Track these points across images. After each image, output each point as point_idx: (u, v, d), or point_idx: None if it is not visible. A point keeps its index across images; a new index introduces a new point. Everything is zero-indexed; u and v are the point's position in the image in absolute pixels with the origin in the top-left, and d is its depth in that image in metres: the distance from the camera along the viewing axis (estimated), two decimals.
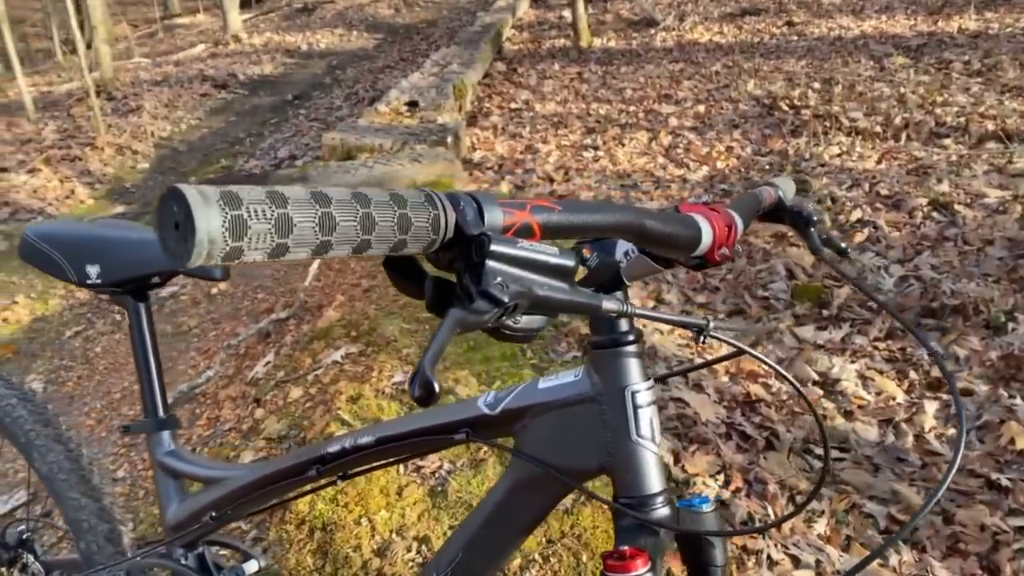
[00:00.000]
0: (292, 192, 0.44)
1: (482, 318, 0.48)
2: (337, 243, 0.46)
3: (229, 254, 0.41)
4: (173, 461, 1.14)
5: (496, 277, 0.49)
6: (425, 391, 0.45)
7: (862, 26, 7.52)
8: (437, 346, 0.45)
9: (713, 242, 0.72)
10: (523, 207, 0.54)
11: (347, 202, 0.46)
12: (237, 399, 2.49)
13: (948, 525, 2.11)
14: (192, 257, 0.40)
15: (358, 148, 5.07)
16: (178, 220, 0.41)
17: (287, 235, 0.43)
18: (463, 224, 0.51)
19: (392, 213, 0.48)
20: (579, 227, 0.59)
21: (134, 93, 9.12)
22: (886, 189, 3.96)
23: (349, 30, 13.06)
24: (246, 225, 0.41)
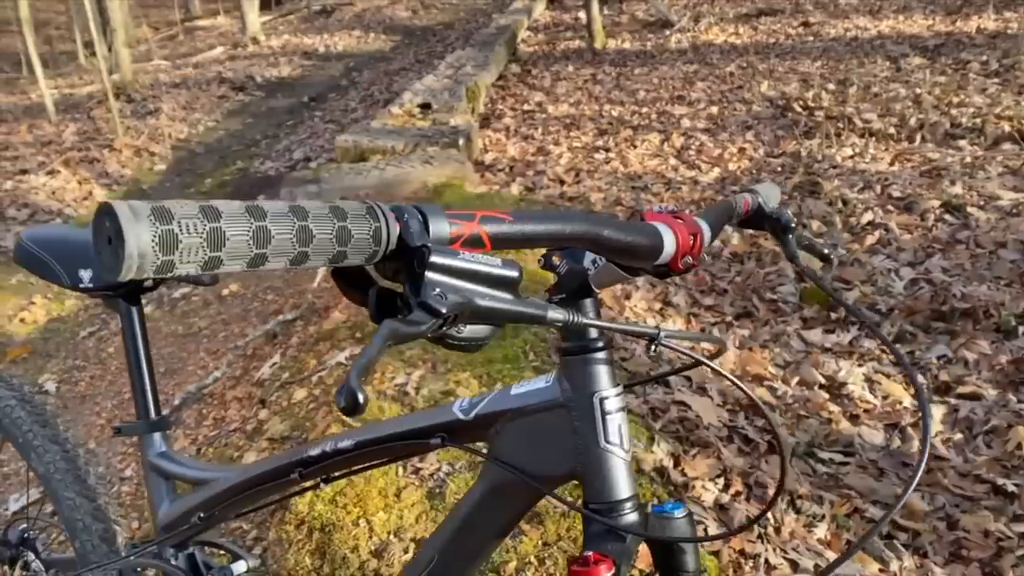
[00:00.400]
0: (226, 207, 0.45)
1: (418, 329, 0.49)
2: (273, 255, 0.47)
3: (160, 267, 0.43)
4: (164, 462, 1.16)
5: (435, 288, 0.50)
6: (350, 402, 0.45)
7: (879, 26, 7.46)
8: (365, 358, 0.46)
9: (676, 251, 0.72)
10: (471, 218, 0.55)
11: (283, 215, 0.47)
12: (243, 400, 2.52)
13: (951, 531, 2.10)
14: (123, 270, 0.41)
15: (370, 150, 5.10)
16: (110, 235, 0.42)
17: (219, 248, 0.44)
18: (406, 236, 0.51)
19: (331, 225, 0.49)
20: (530, 237, 0.59)
21: (153, 95, 9.21)
22: (898, 191, 3.93)
23: (366, 32, 13.12)
24: (177, 239, 0.42)
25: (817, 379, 2.76)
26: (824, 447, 2.43)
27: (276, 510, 1.92)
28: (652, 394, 2.37)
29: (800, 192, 4.11)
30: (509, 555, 1.73)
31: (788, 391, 2.72)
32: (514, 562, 1.72)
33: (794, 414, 2.59)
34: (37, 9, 17.83)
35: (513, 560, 1.72)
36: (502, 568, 1.71)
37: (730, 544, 1.85)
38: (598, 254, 0.72)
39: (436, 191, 4.30)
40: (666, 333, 0.69)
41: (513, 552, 1.74)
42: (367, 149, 5.13)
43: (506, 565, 1.71)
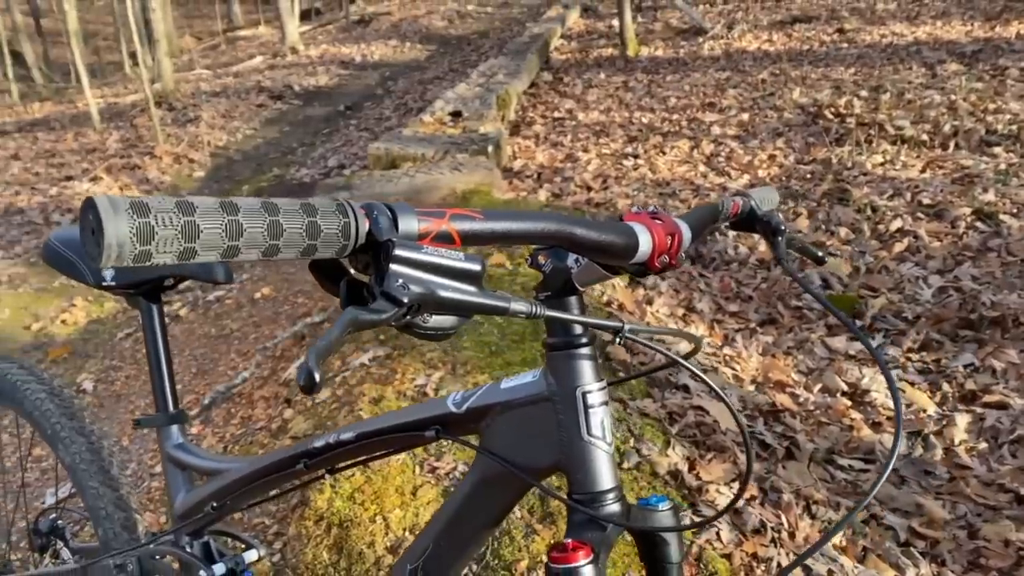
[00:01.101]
0: (201, 202, 0.49)
1: (380, 317, 0.52)
2: (245, 247, 0.51)
3: (138, 256, 0.47)
4: (180, 454, 1.21)
5: (398, 280, 0.54)
6: (307, 381, 0.49)
7: (916, 33, 7.37)
8: (325, 341, 0.50)
9: (653, 250, 0.75)
10: (441, 216, 0.59)
11: (255, 211, 0.51)
12: (270, 399, 2.58)
13: (972, 539, 2.08)
14: (103, 259, 0.46)
15: (401, 157, 5.18)
16: (93, 226, 0.46)
17: (194, 240, 0.48)
18: (375, 231, 0.55)
19: (301, 221, 0.53)
20: (501, 235, 0.62)
21: (193, 104, 9.42)
22: (929, 198, 3.89)
23: (403, 42, 13.28)
24: (153, 231, 0.47)
25: (840, 386, 2.75)
26: (844, 454, 2.42)
27: (296, 506, 1.97)
28: (670, 399, 2.38)
29: (828, 199, 4.09)
30: (521, 554, 1.75)
31: (810, 397, 2.71)
32: (526, 561, 1.74)
33: (815, 420, 2.58)
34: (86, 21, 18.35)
35: (525, 559, 1.75)
36: (514, 567, 1.74)
37: (742, 548, 1.86)
38: (572, 252, 0.75)
39: (464, 197, 4.35)
40: (630, 327, 0.71)
41: (525, 551, 1.77)
42: (398, 156, 5.21)
43: (518, 564, 1.74)
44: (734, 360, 2.85)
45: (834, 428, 2.54)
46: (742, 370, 2.81)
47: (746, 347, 3.00)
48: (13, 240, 5.59)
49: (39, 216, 5.97)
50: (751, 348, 3.01)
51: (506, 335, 2.49)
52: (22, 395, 1.39)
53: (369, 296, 0.56)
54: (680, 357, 0.75)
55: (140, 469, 2.56)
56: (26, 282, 4.81)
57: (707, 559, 1.77)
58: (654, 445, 2.07)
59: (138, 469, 2.56)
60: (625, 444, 2.04)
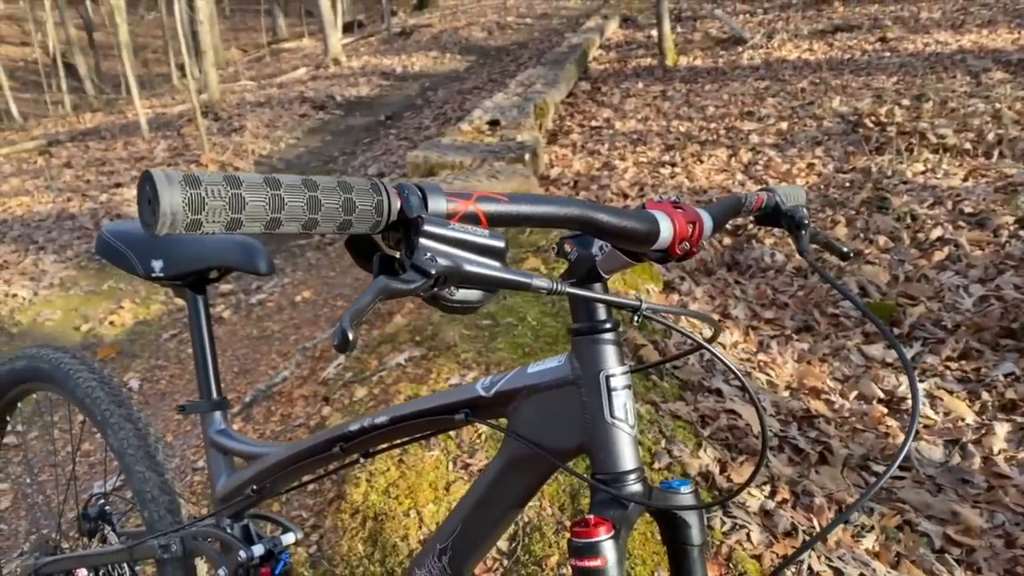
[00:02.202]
0: (247, 177, 0.54)
1: (409, 286, 0.56)
2: (287, 220, 0.55)
3: (190, 225, 0.51)
4: (222, 439, 1.26)
5: (426, 253, 0.58)
6: (342, 340, 0.53)
7: (960, 41, 7.27)
8: (359, 305, 0.54)
9: (673, 237, 0.78)
10: (468, 197, 0.62)
11: (296, 186, 0.55)
12: (309, 397, 2.64)
13: (1009, 548, 2.05)
14: (159, 226, 0.50)
15: (439, 165, 5.25)
16: (149, 197, 0.51)
17: (240, 211, 0.53)
18: (406, 209, 0.59)
19: (338, 197, 0.57)
20: (525, 217, 0.66)
21: (238, 114, 9.63)
22: (970, 207, 3.84)
23: (443, 53, 13.43)
24: (203, 202, 0.51)
25: (876, 393, 2.73)
26: (879, 460, 2.40)
27: (333, 499, 2.02)
28: (703, 402, 2.39)
29: (867, 207, 4.05)
30: (551, 549, 1.78)
31: (846, 404, 2.69)
32: (556, 556, 1.77)
33: (850, 427, 2.57)
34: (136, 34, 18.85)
35: (555, 555, 1.77)
36: (544, 562, 1.76)
37: (772, 549, 1.86)
38: (595, 237, 0.78)
39: None
40: (648, 305, 0.74)
41: (556, 547, 1.79)
42: (436, 164, 5.28)
43: (548, 559, 1.77)
44: (768, 366, 2.85)
45: (869, 435, 2.52)
46: (776, 376, 2.81)
47: (781, 353, 2.99)
48: (65, 244, 5.77)
49: (90, 221, 6.15)
50: (786, 354, 3.00)
51: (539, 337, 2.52)
52: (74, 383, 1.45)
53: (400, 268, 0.59)
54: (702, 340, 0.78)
55: (183, 464, 2.63)
56: (77, 285, 4.97)
57: (737, 559, 1.78)
58: (685, 447, 2.08)
59: (181, 464, 2.63)
60: (656, 445, 2.05)
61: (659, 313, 0.76)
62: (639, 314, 0.74)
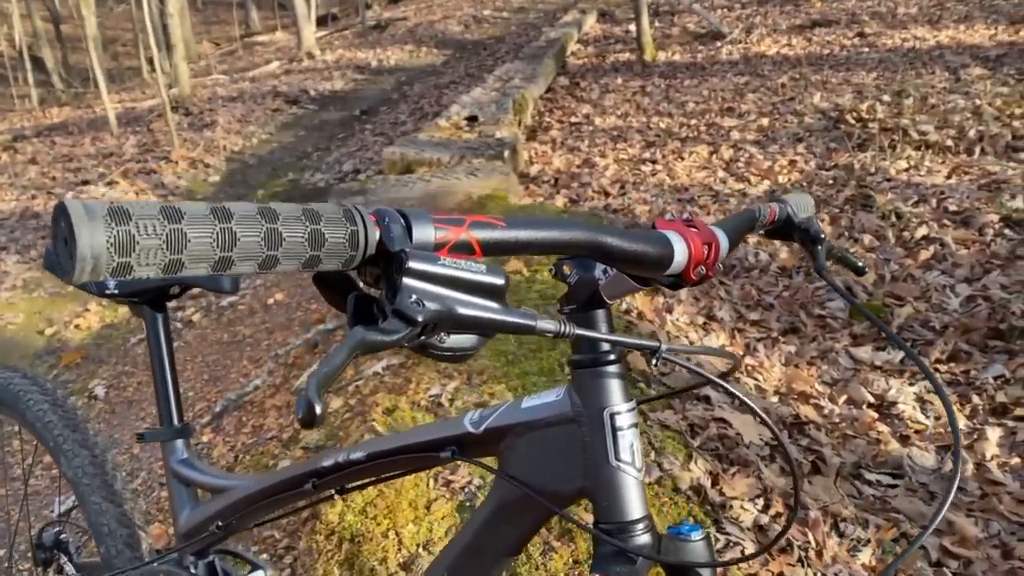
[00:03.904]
0: (190, 208, 0.44)
1: (392, 338, 0.47)
2: (240, 259, 0.45)
3: (117, 270, 0.41)
4: (185, 469, 1.16)
5: (411, 295, 0.48)
6: (307, 414, 0.43)
7: (938, 36, 7.27)
8: (328, 367, 0.44)
9: (689, 261, 0.69)
10: (460, 223, 0.53)
11: (251, 217, 0.46)
12: (282, 408, 2.53)
13: (1006, 560, 2.00)
14: (76, 273, 0.40)
15: (417, 162, 5.14)
16: (64, 236, 0.41)
17: (180, 251, 0.43)
18: (386, 240, 0.49)
19: (302, 228, 0.47)
20: (525, 244, 0.57)
21: (210, 108, 9.44)
22: (955, 205, 3.80)
23: (419, 46, 13.27)
24: (134, 241, 0.41)
25: (866, 398, 2.67)
26: (871, 468, 2.34)
27: (307, 519, 1.92)
28: (691, 410, 2.31)
29: (852, 205, 4.01)
30: (539, 572, 1.70)
31: (835, 409, 2.64)
32: None
33: (841, 433, 2.51)
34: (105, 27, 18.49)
35: None
36: None
37: (768, 567, 1.79)
38: (602, 263, 0.69)
39: (480, 202, 4.30)
40: (668, 347, 0.66)
41: (543, 569, 1.71)
42: (414, 161, 5.17)
43: None
44: (757, 370, 2.78)
45: (860, 441, 2.47)
46: (765, 380, 2.74)
47: (768, 357, 2.93)
48: (29, 244, 5.59)
49: None
50: (773, 358, 2.93)
51: (523, 344, 2.43)
52: (24, 405, 1.34)
53: (380, 313, 0.50)
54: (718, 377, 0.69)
55: (150, 478, 2.52)
56: (41, 287, 4.80)
57: None
58: (676, 459, 2.00)
59: (148, 478, 2.52)
60: (646, 457, 1.97)
61: (679, 354, 0.67)
62: (658, 356, 0.65)
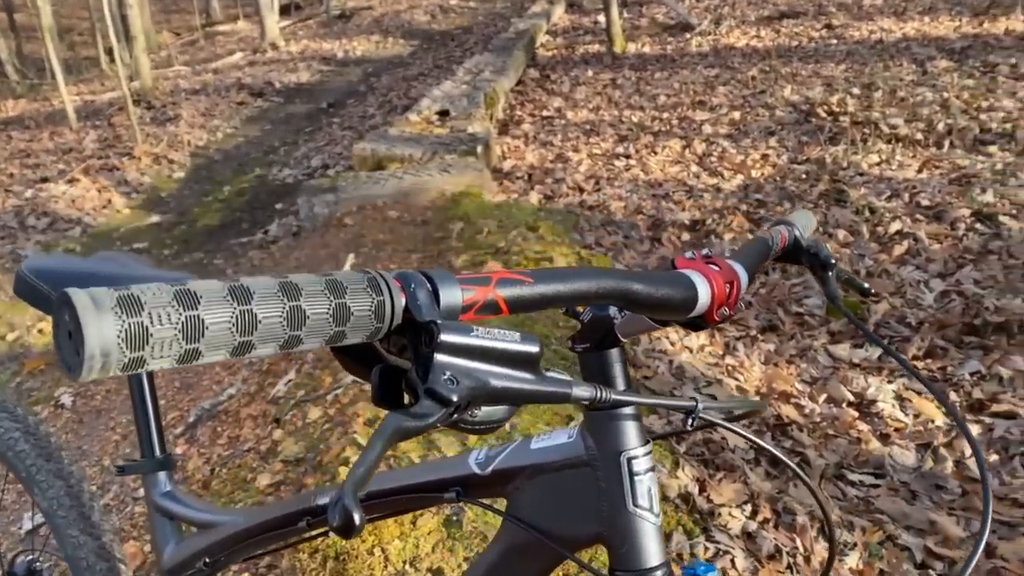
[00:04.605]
0: (206, 290, 0.40)
1: (426, 422, 0.43)
2: (260, 342, 0.41)
3: (128, 365, 0.37)
4: (169, 503, 1.11)
5: (445, 372, 0.44)
6: (344, 522, 0.39)
7: (904, 28, 7.34)
8: (365, 467, 0.40)
9: (712, 302, 0.66)
10: (486, 282, 0.49)
11: (272, 295, 0.41)
12: (258, 418, 2.47)
13: (989, 559, 2.01)
14: (84, 371, 0.36)
15: (388, 158, 5.07)
16: (70, 329, 0.37)
17: (197, 339, 0.39)
18: (413, 309, 0.46)
19: (327, 303, 0.43)
20: (552, 299, 0.54)
21: (172, 102, 9.25)
22: (927, 199, 3.83)
23: (385, 37, 13.13)
24: (147, 333, 0.37)
25: (845, 396, 2.68)
26: (854, 468, 2.35)
27: None
28: (676, 416, 2.30)
29: (826, 200, 4.02)
30: None
31: (816, 408, 2.64)
32: None
33: (822, 433, 2.51)
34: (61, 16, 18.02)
35: None
36: None
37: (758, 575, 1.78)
38: (629, 310, 0.66)
39: (454, 200, 4.25)
40: (704, 405, 0.63)
41: None
42: (385, 157, 5.10)
43: None
44: (737, 370, 2.78)
45: (842, 441, 2.47)
46: (745, 380, 2.74)
47: (748, 356, 2.93)
48: None
49: (14, 220, 5.81)
50: (753, 356, 2.93)
51: None
52: None
53: (409, 390, 0.46)
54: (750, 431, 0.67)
55: (123, 492, 2.45)
56: (1, 289, 4.66)
57: None
58: (663, 466, 1.99)
59: (120, 492, 2.45)
60: None
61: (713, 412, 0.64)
62: (694, 416, 0.62)
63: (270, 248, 4.79)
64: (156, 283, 0.39)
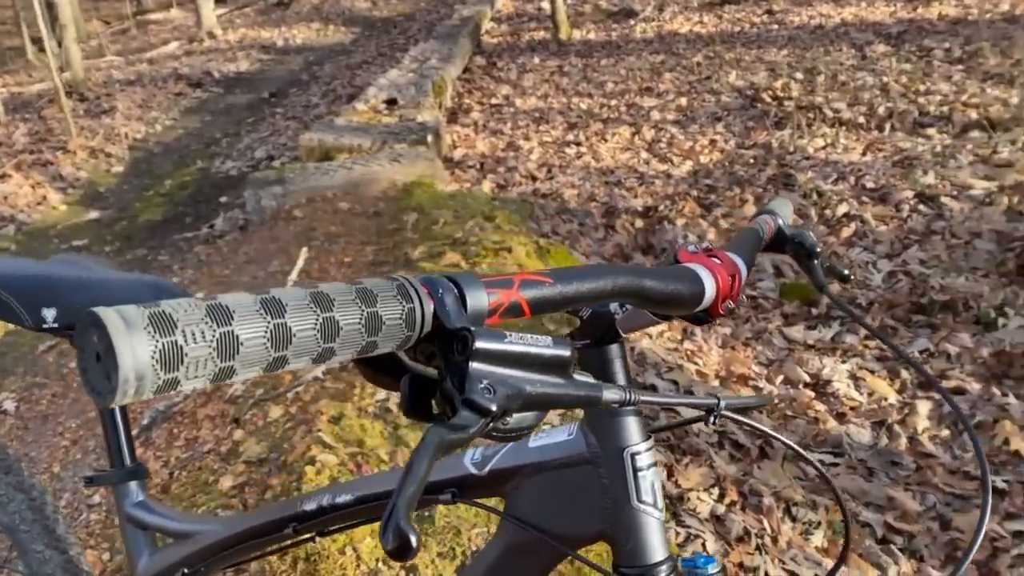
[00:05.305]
0: (237, 303, 0.38)
1: (467, 434, 0.42)
2: (294, 356, 0.39)
3: (162, 387, 0.35)
4: (142, 513, 1.07)
5: (481, 381, 0.43)
6: (400, 544, 0.38)
7: (842, 13, 7.49)
8: (415, 485, 0.39)
9: (717, 296, 0.66)
10: (509, 285, 0.48)
11: (305, 307, 0.39)
12: (215, 418, 2.41)
13: (945, 531, 2.08)
14: (117, 396, 0.34)
15: (336, 148, 4.98)
16: (99, 351, 0.34)
17: (232, 357, 0.37)
18: (442, 315, 0.44)
19: (359, 313, 0.41)
20: (572, 298, 0.52)
21: (107, 93, 8.95)
22: (872, 182, 3.93)
23: (325, 24, 12.90)
24: (182, 352, 0.35)
25: (802, 377, 2.74)
26: (813, 448, 2.40)
27: None
28: None
29: (774, 184, 4.09)
30: None
31: (773, 390, 2.69)
32: None
33: (781, 414, 2.56)
34: None
35: None
36: None
37: (729, 559, 1.81)
38: (640, 307, 0.65)
39: (406, 190, 4.20)
40: (727, 402, 0.62)
41: None
42: (333, 147, 5.01)
43: None
44: (696, 355, 2.81)
45: (800, 421, 2.53)
46: (704, 365, 2.78)
47: (705, 340, 2.97)
48: None
49: None
50: (711, 341, 2.97)
51: None
52: None
53: (444, 401, 0.45)
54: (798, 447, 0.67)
55: (76, 500, 2.36)
56: None
57: None
58: None
59: (73, 500, 2.37)
60: None
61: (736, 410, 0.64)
62: (716, 413, 0.62)
63: (217, 243, 4.67)
64: (186, 298, 0.37)
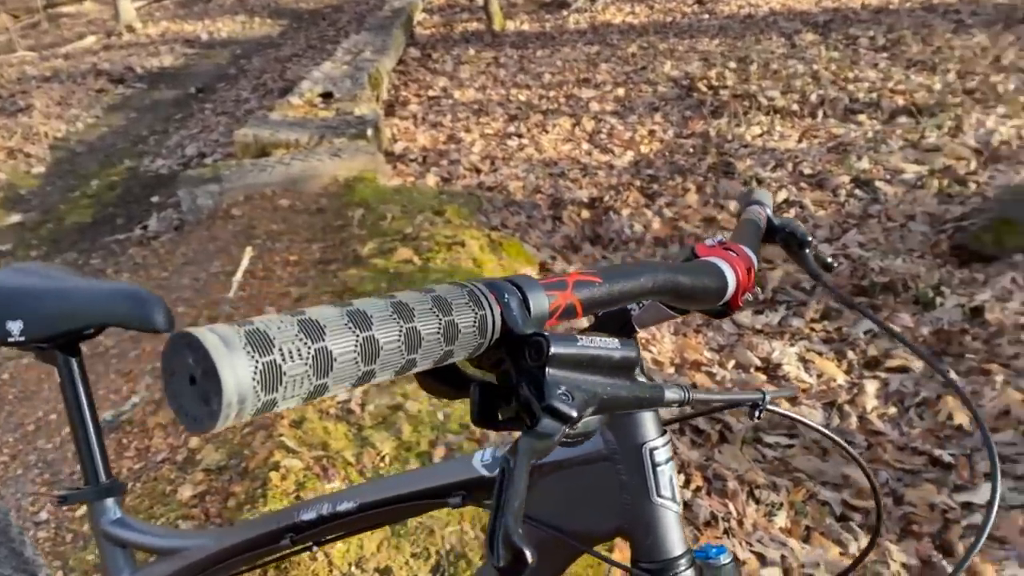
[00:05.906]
0: (325, 317, 0.36)
1: (552, 441, 0.41)
2: (380, 370, 0.38)
3: (261, 409, 0.33)
4: (121, 531, 1.03)
5: (559, 387, 0.42)
6: (513, 558, 0.37)
7: (770, 3, 7.65)
8: (518, 497, 0.38)
9: (737, 288, 0.66)
10: (564, 287, 0.47)
11: (387, 318, 0.38)
12: (168, 426, 2.34)
13: (898, 506, 2.15)
14: (219, 421, 0.32)
15: (272, 144, 4.87)
16: (194, 374, 0.32)
17: (326, 374, 0.35)
18: (510, 321, 0.43)
19: (437, 322, 0.40)
20: (619, 297, 0.52)
21: (22, 91, 8.56)
22: (809, 168, 4.03)
23: (251, 17, 12.58)
24: (280, 372, 0.33)
25: (753, 361, 2.80)
26: (768, 431, 2.46)
27: None
28: None
29: (715, 173, 4.16)
30: None
31: (726, 375, 2.74)
32: None
33: None
34: None
35: None
36: None
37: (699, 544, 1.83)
38: (673, 303, 0.65)
39: (348, 186, 4.14)
40: (771, 394, 0.63)
41: None
42: (269, 143, 4.90)
43: None
44: (651, 343, 2.84)
45: None
46: (659, 353, 2.81)
47: (658, 328, 3.00)
48: None
49: None
50: (663, 329, 3.01)
51: None
52: None
53: (522, 411, 0.43)
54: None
55: (20, 517, 2.26)
56: None
57: None
58: None
59: (17, 518, 2.26)
60: None
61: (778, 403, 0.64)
62: (760, 408, 0.62)
63: (152, 244, 4.52)
64: (278, 315, 0.35)
